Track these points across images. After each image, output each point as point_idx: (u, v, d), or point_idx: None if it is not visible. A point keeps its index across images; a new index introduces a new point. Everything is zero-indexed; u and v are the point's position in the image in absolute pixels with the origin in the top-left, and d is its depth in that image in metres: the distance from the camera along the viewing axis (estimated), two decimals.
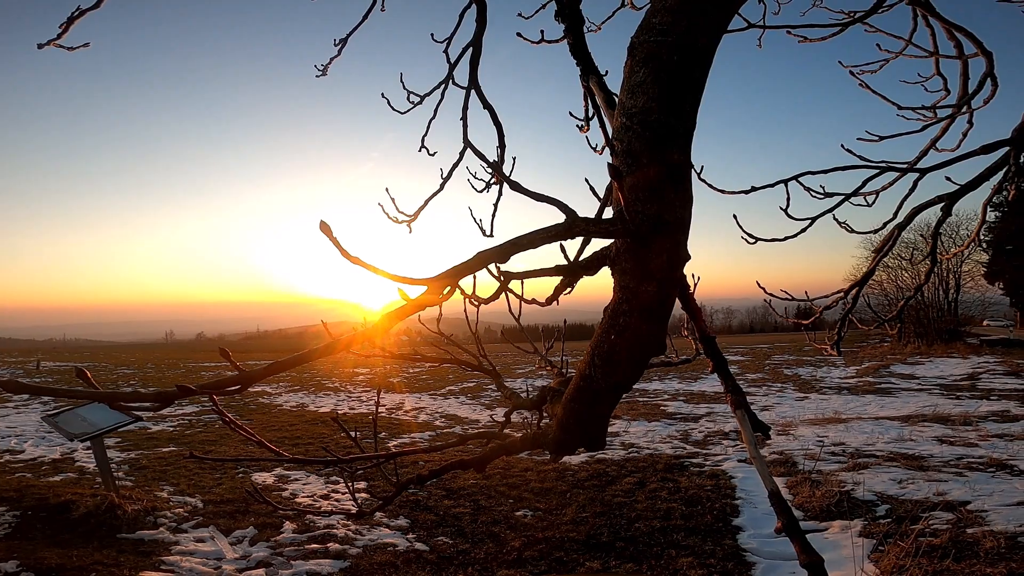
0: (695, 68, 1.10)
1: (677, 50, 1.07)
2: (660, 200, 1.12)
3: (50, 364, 20.77)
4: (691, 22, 1.07)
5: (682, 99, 1.10)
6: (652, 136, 1.10)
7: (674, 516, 5.44)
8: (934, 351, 18.64)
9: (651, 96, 1.10)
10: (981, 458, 6.70)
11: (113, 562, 4.34)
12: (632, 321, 1.24)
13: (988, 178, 1.96)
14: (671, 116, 1.09)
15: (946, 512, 4.91)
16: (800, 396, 13.38)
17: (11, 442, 8.73)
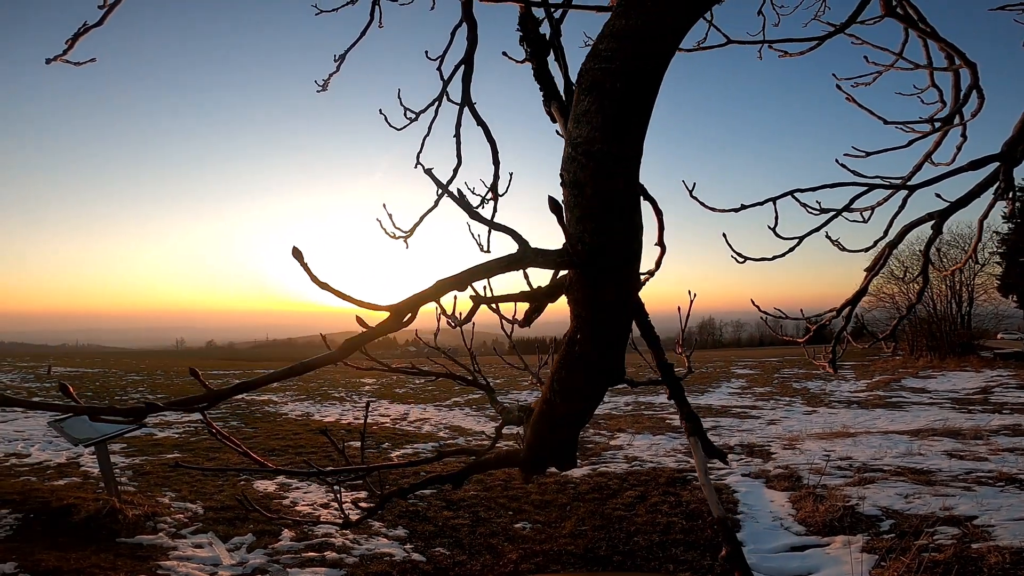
0: (640, 95, 1.07)
1: (621, 77, 1.05)
2: (606, 232, 1.10)
3: (61, 369, 21.03)
4: (636, 48, 1.04)
5: (626, 128, 1.08)
6: (596, 166, 1.08)
7: (674, 530, 5.38)
8: (947, 365, 18.35)
9: (595, 125, 1.08)
10: (991, 472, 6.57)
11: (110, 566, 4.36)
12: (586, 350, 1.24)
13: (979, 194, 1.95)
14: (615, 145, 1.07)
15: (951, 527, 4.81)
16: (808, 410, 13.20)
17: (18, 446, 8.83)
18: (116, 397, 15.22)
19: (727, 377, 20.43)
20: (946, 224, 6.39)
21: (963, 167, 1.82)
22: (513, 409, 1.98)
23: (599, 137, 1.07)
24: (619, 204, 1.10)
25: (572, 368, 1.28)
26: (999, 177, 1.77)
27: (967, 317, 20.91)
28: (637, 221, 1.14)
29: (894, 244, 2.07)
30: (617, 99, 1.06)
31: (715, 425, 11.55)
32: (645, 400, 15.76)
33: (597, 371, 1.27)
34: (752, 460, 8.26)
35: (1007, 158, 1.72)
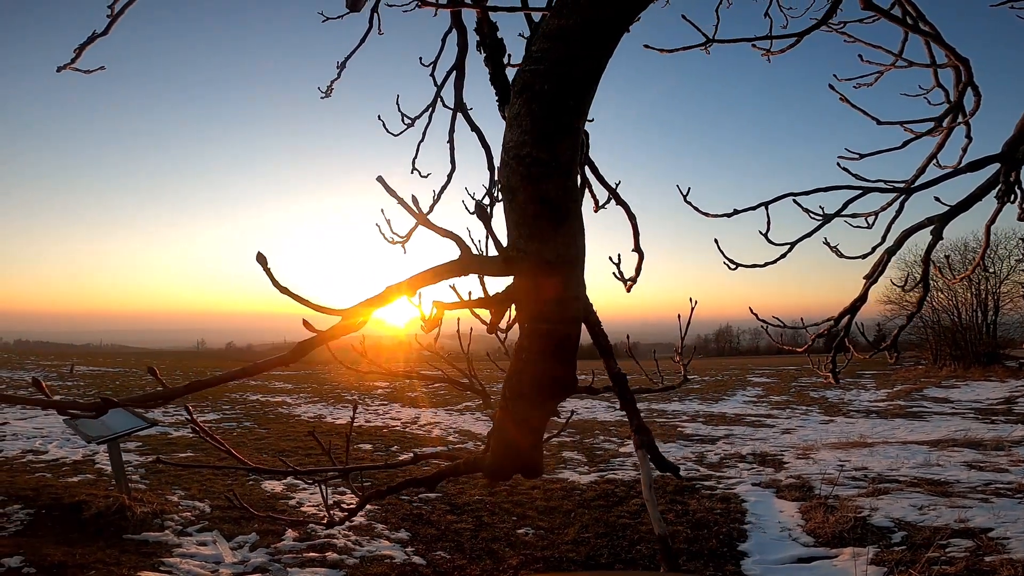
0: (570, 97, 1.02)
1: (550, 79, 1.00)
2: (540, 238, 1.07)
3: (83, 368, 21.53)
4: (567, 49, 1.00)
5: (556, 131, 1.03)
6: (526, 171, 1.04)
7: (678, 540, 5.29)
8: (971, 374, 17.83)
9: (524, 129, 1.04)
10: (1010, 484, 6.35)
11: (114, 561, 4.42)
12: (533, 358, 1.22)
13: (980, 197, 1.88)
14: (544, 150, 1.03)
15: (965, 539, 4.65)
16: (825, 419, 12.93)
17: (36, 443, 9.03)
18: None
19: (743, 385, 20.12)
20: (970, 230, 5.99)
21: (962, 169, 1.76)
22: None
23: (528, 141, 1.03)
24: (553, 209, 1.06)
25: (521, 375, 1.26)
26: (999, 179, 1.71)
27: (993, 326, 20.30)
28: (575, 225, 1.11)
29: (893, 250, 2.00)
30: (545, 101, 1.01)
31: (728, 433, 11.36)
32: (658, 408, 15.59)
33: (546, 378, 1.25)
34: (764, 469, 8.11)
35: (1007, 159, 1.66)
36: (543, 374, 1.23)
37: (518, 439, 1.38)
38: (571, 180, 1.09)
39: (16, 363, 22.08)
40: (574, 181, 1.10)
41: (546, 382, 1.24)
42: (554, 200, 1.06)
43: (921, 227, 1.89)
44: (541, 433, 1.37)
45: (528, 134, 1.04)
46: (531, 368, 1.21)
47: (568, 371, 1.25)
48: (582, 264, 1.17)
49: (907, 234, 1.97)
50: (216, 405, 14.79)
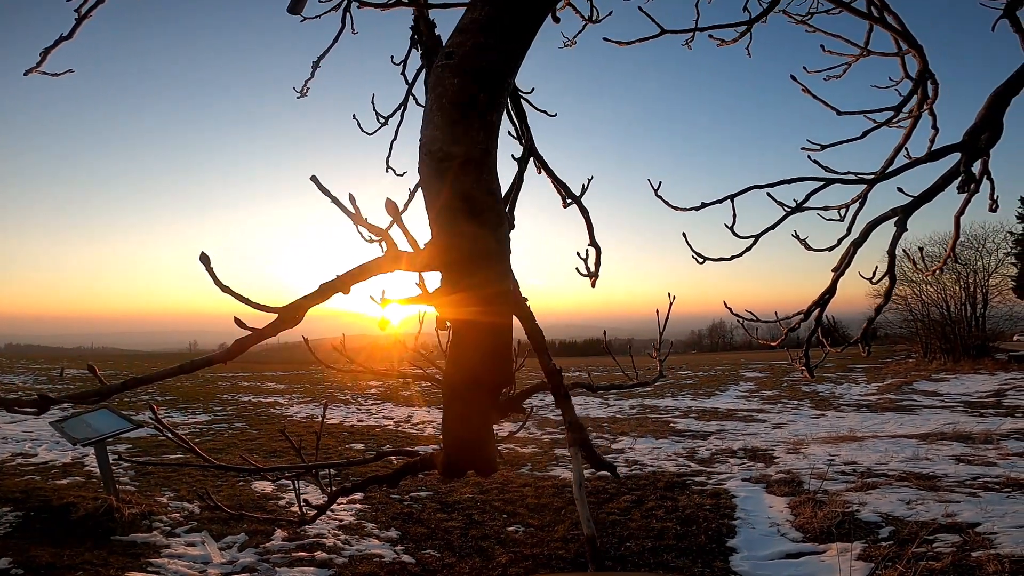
0: (481, 91, 1.02)
1: (460, 73, 1.01)
2: (457, 232, 1.07)
3: (73, 371, 21.36)
4: (477, 42, 1.00)
5: (466, 126, 1.03)
6: (438, 166, 1.05)
7: (667, 536, 5.31)
8: (960, 367, 17.99)
9: (436, 124, 1.04)
10: (998, 478, 6.41)
11: (102, 562, 4.40)
12: (464, 353, 1.22)
13: (943, 188, 1.88)
14: (455, 145, 1.03)
15: (953, 534, 4.69)
16: (816, 413, 13.01)
17: (26, 446, 8.97)
18: (125, 398, 15.40)
19: (735, 380, 20.22)
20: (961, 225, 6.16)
21: (921, 159, 1.76)
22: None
23: (439, 136, 1.04)
24: (467, 202, 1.06)
25: (454, 371, 1.26)
26: (960, 169, 1.71)
27: (981, 319, 20.47)
28: (492, 218, 1.11)
29: (859, 242, 2.00)
30: (454, 95, 1.02)
31: (720, 429, 11.41)
32: (651, 403, 15.65)
33: (478, 373, 1.25)
34: (754, 464, 8.15)
35: (967, 148, 1.66)
36: (475, 368, 1.23)
37: (464, 436, 1.38)
38: (486, 174, 1.09)
39: (6, 367, 21.91)
40: (489, 174, 1.10)
41: (479, 377, 1.25)
42: (468, 193, 1.06)
43: (886, 218, 1.89)
44: (486, 428, 1.37)
45: (439, 129, 1.05)
46: (463, 363, 1.22)
47: (500, 364, 1.25)
48: (505, 257, 1.17)
49: (872, 225, 1.97)
50: (208, 407, 14.73)
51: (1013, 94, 1.68)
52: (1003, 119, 1.69)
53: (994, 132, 1.68)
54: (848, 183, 1.94)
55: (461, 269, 1.13)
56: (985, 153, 1.73)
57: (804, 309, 2.20)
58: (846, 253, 2.02)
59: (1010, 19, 2.01)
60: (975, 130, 1.67)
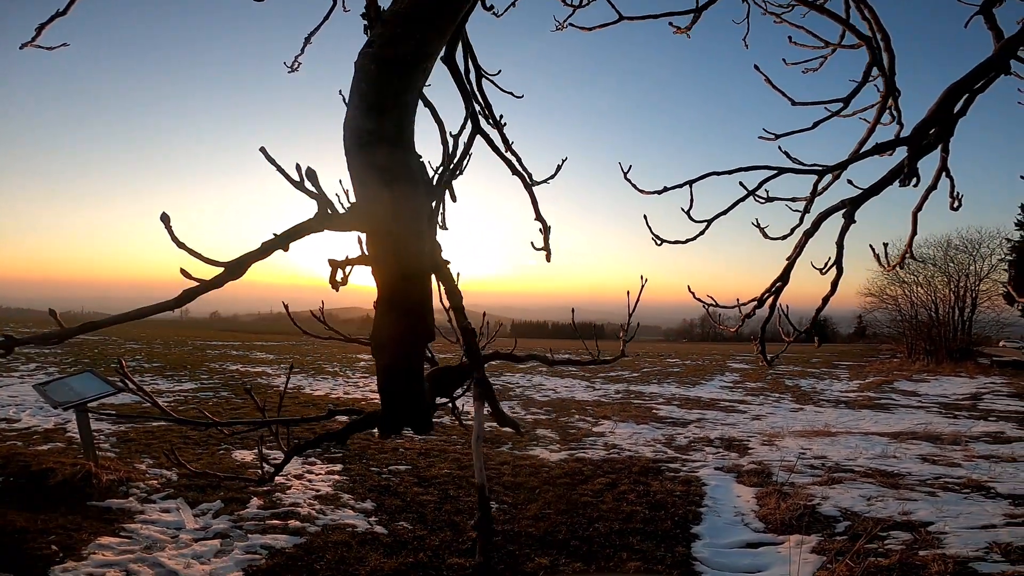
0: (395, 75, 1.15)
1: (377, 60, 1.14)
2: (374, 197, 1.19)
3: None
4: (394, 34, 1.13)
5: (381, 105, 1.16)
6: (356, 140, 1.20)
7: (635, 519, 5.45)
8: (942, 369, 18.26)
9: (355, 104, 1.18)
10: (960, 479, 6.59)
11: (75, 527, 4.49)
12: (385, 309, 1.32)
13: (891, 181, 1.91)
14: (370, 122, 1.17)
15: (905, 532, 4.85)
16: (795, 407, 13.22)
17: (10, 411, 9.02)
18: (112, 364, 15.45)
19: (722, 371, 20.46)
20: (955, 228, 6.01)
21: (869, 151, 1.79)
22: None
23: (358, 115, 1.18)
24: (381, 172, 1.21)
25: (379, 328, 1.36)
26: (904, 163, 1.74)
27: (968, 323, 20.73)
28: (406, 188, 1.24)
29: (810, 232, 2.04)
30: (372, 79, 1.16)
31: (700, 418, 11.60)
32: (636, 389, 15.84)
33: (399, 329, 1.36)
34: (728, 454, 8.32)
35: (913, 142, 1.70)
36: (395, 324, 1.34)
37: (392, 390, 1.47)
38: (400, 148, 1.23)
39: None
40: (404, 148, 1.24)
41: (400, 332, 1.35)
42: (382, 165, 1.21)
43: (836, 210, 1.94)
44: (415, 383, 1.45)
45: (358, 108, 1.19)
46: (386, 320, 1.34)
47: (419, 320, 1.36)
48: (421, 221, 1.30)
49: (823, 216, 2.01)
50: (195, 375, 14.81)
51: (966, 91, 1.71)
52: (955, 114, 1.72)
53: (944, 127, 1.71)
54: (800, 172, 1.98)
55: (379, 231, 1.26)
56: (937, 148, 1.76)
57: (758, 296, 2.24)
58: (799, 243, 2.06)
59: (985, 16, 2.02)
60: (923, 125, 1.70)
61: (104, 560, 4.02)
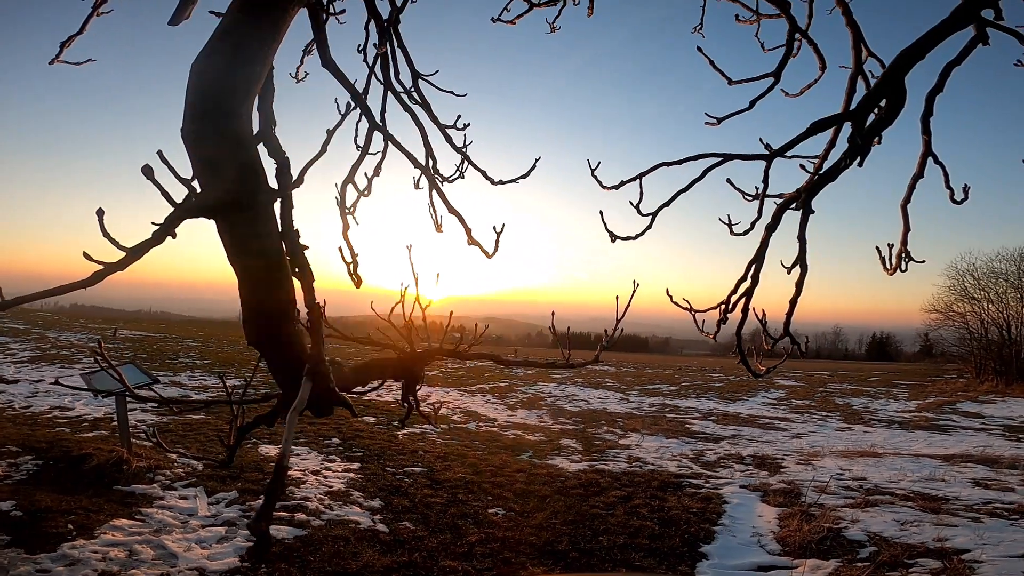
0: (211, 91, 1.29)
1: (196, 73, 1.29)
2: (209, 186, 1.29)
3: (127, 332, 22.88)
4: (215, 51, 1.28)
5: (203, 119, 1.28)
6: (188, 139, 1.32)
7: (642, 535, 5.26)
8: (1012, 391, 16.78)
9: (186, 110, 1.31)
10: (1010, 504, 6.01)
11: (96, 509, 4.76)
12: (240, 288, 1.32)
13: (848, 164, 1.77)
14: (197, 123, 1.30)
15: (935, 560, 4.46)
16: (843, 426, 12.47)
17: (65, 400, 9.70)
18: (167, 360, 16.38)
19: (767, 386, 19.57)
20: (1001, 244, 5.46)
21: (806, 132, 1.66)
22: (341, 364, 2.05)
23: (187, 118, 1.29)
24: (211, 166, 1.29)
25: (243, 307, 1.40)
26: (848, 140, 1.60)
27: None
28: (234, 182, 1.31)
29: (772, 226, 1.91)
30: (192, 96, 1.29)
31: (735, 434, 11.12)
32: (672, 403, 15.38)
33: (254, 305, 1.39)
34: (758, 472, 7.93)
35: (858, 116, 1.55)
36: (251, 301, 1.43)
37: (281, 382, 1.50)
38: (224, 147, 1.31)
39: (64, 325, 23.65)
40: (233, 145, 1.32)
41: (257, 309, 1.39)
42: (212, 159, 1.31)
43: (793, 200, 1.80)
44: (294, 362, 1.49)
45: (186, 113, 1.29)
46: (242, 295, 1.37)
47: (269, 297, 1.38)
48: (253, 206, 1.36)
49: (781, 208, 1.87)
50: (240, 372, 15.49)
51: (919, 56, 1.56)
52: (904, 84, 1.58)
53: (895, 99, 1.57)
54: (746, 159, 1.86)
55: (220, 217, 1.37)
56: (888, 124, 1.62)
57: (723, 300, 2.11)
58: (763, 239, 1.93)
59: None
60: (869, 97, 1.57)
61: (112, 540, 4.24)
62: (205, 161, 1.29)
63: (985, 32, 1.66)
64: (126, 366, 7.59)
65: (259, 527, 1.08)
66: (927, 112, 1.82)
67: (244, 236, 1.35)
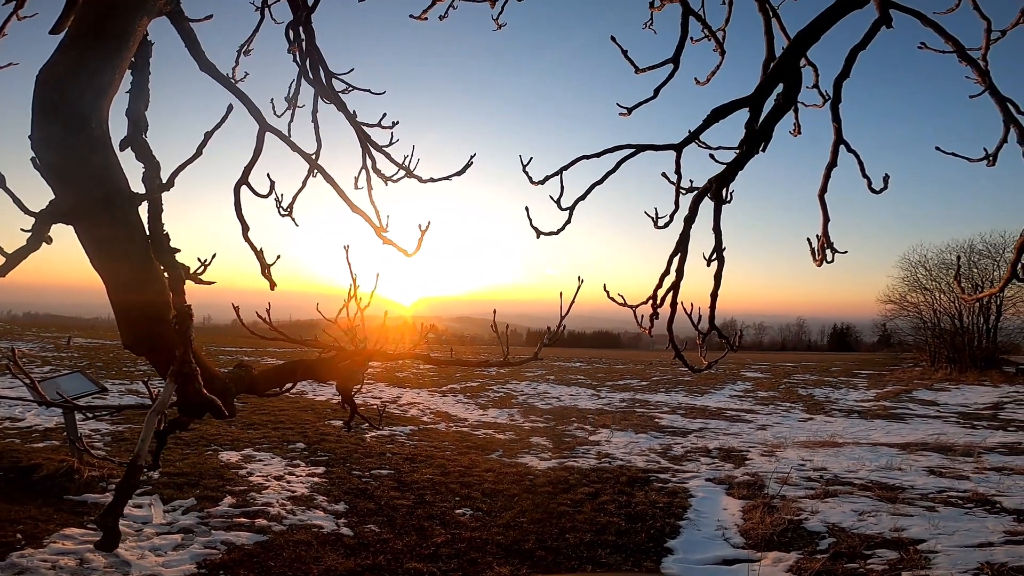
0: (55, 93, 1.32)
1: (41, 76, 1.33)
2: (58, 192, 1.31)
3: (81, 340, 22.00)
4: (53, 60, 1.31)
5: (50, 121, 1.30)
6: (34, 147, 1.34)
7: (608, 531, 5.29)
8: (965, 378, 17.51)
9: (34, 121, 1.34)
10: (965, 492, 6.25)
11: (45, 518, 4.56)
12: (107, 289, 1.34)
13: (752, 153, 1.75)
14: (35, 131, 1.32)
15: (892, 550, 4.59)
16: (805, 417, 12.82)
17: (16, 411, 9.25)
18: (124, 368, 15.83)
19: (734, 379, 19.99)
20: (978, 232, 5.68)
21: (707, 119, 1.64)
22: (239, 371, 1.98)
23: (33, 124, 1.31)
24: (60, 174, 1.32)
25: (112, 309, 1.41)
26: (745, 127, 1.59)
27: (993, 331, 19.85)
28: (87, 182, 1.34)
29: (690, 218, 1.88)
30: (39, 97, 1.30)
31: (703, 427, 11.31)
32: (642, 398, 15.57)
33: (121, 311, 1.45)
34: (724, 465, 8.07)
35: (754, 102, 1.54)
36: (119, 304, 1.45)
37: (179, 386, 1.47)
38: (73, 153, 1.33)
39: (16, 335, 22.62)
40: (82, 151, 1.34)
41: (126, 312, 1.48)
42: (59, 165, 1.32)
43: (705, 191, 1.79)
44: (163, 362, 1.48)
45: (32, 120, 1.33)
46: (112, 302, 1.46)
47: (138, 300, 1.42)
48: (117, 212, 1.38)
49: (697, 200, 1.85)
50: None
51: (814, 39, 1.56)
52: (800, 68, 1.57)
53: (791, 83, 1.57)
54: (658, 149, 1.84)
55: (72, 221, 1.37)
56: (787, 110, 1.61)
57: (651, 294, 2.07)
58: (683, 231, 1.89)
59: None
60: (764, 83, 1.56)
61: (62, 549, 4.07)
62: (53, 167, 1.30)
63: (888, 14, 1.65)
64: (74, 375, 7.29)
65: (105, 522, 1.08)
66: (836, 99, 1.81)
67: (104, 239, 1.36)
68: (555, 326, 2.49)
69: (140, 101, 1.40)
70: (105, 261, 1.33)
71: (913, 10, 1.56)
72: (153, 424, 1.16)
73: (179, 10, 1.58)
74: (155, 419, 1.17)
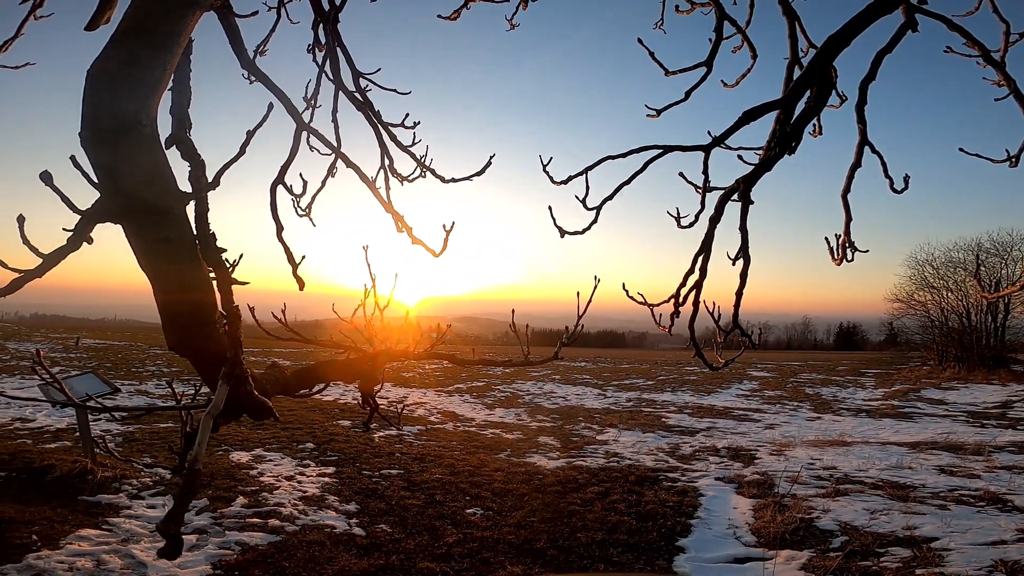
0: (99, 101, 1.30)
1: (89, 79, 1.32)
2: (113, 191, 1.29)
3: (90, 341, 22.13)
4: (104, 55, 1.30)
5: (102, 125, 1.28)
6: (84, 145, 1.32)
7: (620, 530, 5.29)
8: (973, 377, 17.41)
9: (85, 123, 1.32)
10: (976, 491, 6.22)
11: (60, 519, 4.59)
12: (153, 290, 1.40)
13: (781, 154, 1.77)
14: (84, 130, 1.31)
15: (905, 548, 4.58)
16: (813, 416, 12.77)
17: (27, 411, 9.32)
18: (132, 369, 15.93)
19: (740, 378, 19.93)
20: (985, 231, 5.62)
21: (739, 120, 1.66)
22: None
23: (83, 123, 1.29)
24: (111, 173, 1.30)
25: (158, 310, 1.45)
26: (775, 129, 1.60)
27: (1002, 329, 19.73)
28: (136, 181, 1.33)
29: (715, 218, 1.89)
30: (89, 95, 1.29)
31: (710, 426, 11.29)
32: (648, 397, 15.54)
33: (167, 312, 1.44)
34: (733, 464, 8.06)
35: (785, 105, 1.56)
36: (165, 305, 1.44)
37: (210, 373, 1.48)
38: (123, 152, 1.32)
39: (25, 335, 22.77)
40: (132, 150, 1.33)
41: (172, 313, 1.46)
42: (109, 164, 1.31)
43: (733, 191, 1.80)
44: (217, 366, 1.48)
45: (83, 119, 1.30)
46: (157, 303, 1.45)
47: (184, 300, 1.43)
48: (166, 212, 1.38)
49: (723, 199, 1.86)
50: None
51: (846, 42, 1.57)
52: (831, 72, 1.59)
53: (823, 86, 1.58)
54: (686, 150, 1.85)
55: (121, 221, 1.37)
56: (817, 112, 1.62)
57: (674, 293, 2.09)
58: (708, 231, 1.91)
59: None
60: (796, 85, 1.57)
61: (78, 550, 4.09)
62: (103, 167, 1.28)
63: (914, 18, 1.67)
64: (86, 376, 7.34)
65: (168, 529, 1.07)
66: (861, 100, 1.82)
67: (152, 240, 1.35)
68: (572, 325, 2.51)
69: (183, 98, 1.41)
70: (154, 262, 1.33)
71: (939, 15, 1.58)
72: (209, 426, 1.18)
73: (228, 4, 1.59)
74: (210, 421, 1.18)
